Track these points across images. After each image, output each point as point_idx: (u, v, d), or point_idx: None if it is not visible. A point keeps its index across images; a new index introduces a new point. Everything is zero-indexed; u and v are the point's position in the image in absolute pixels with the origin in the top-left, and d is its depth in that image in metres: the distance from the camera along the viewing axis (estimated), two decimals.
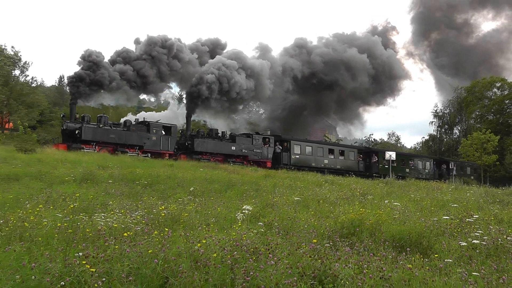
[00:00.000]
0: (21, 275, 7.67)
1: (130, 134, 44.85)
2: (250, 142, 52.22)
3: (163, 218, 12.85)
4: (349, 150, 61.11)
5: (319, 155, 56.05)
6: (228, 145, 50.52)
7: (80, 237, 10.33)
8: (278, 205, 16.61)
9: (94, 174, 23.65)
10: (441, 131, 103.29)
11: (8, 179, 21.14)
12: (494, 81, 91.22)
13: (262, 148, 52.58)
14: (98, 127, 43.08)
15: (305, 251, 9.02)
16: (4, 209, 13.79)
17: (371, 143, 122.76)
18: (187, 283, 7.46)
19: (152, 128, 46.49)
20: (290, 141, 54.64)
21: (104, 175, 23.66)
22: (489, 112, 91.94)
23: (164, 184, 22.37)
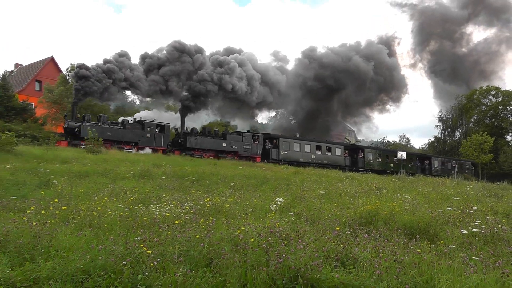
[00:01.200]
0: (91, 255, 7.79)
1: (126, 132, 44.02)
2: (240, 139, 51.03)
3: (208, 208, 12.89)
4: (335, 146, 59.64)
5: (306, 151, 54.76)
6: (219, 142, 49.26)
7: (139, 224, 10.44)
8: (306, 198, 16.57)
9: (150, 171, 23.83)
10: (444, 133, 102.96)
11: (80, 175, 21.40)
12: (489, 89, 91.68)
13: (251, 145, 51.36)
14: (97, 125, 42.17)
15: (329, 237, 9.02)
16: (76, 200, 13.96)
17: (385, 144, 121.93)
18: (228, 263, 7.49)
19: (147, 127, 45.58)
20: (279, 139, 53.67)
21: (158, 172, 23.83)
22: (486, 116, 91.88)
23: (209, 180, 22.43)
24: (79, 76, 44.90)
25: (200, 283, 7.07)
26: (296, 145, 54.08)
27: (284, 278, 6.98)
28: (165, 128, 46.91)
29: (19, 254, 8.44)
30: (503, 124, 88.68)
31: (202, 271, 7.38)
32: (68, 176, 20.67)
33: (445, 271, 7.14)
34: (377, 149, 65.93)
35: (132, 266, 7.41)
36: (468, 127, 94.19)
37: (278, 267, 7.15)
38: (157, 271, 7.28)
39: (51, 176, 19.59)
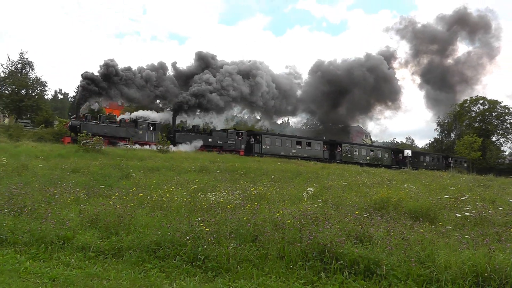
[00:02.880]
0: (161, 231, 7.93)
1: (120, 129, 41.84)
2: (225, 135, 48.10)
3: (253, 196, 12.87)
4: (315, 142, 55.63)
5: (287, 146, 51.64)
6: (205, 137, 46.29)
7: (199, 208, 10.51)
8: (331, 188, 16.45)
9: (207, 166, 23.96)
10: (442, 135, 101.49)
11: (152, 170, 21.65)
12: (478, 99, 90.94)
13: (236, 140, 48.55)
14: (96, 123, 40.44)
15: (350, 219, 8.94)
16: (150, 189, 14.10)
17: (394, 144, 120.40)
18: (270, 239, 7.53)
19: (139, 124, 43.26)
20: (261, 135, 50.81)
21: (214, 167, 23.94)
22: (475, 121, 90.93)
23: (254, 173, 22.43)
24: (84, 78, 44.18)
25: (247, 255, 7.12)
26: (278, 140, 51.50)
27: (314, 252, 6.98)
28: (156, 126, 44.73)
29: (107, 229, 8.68)
30: (489, 127, 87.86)
31: (249, 245, 7.44)
32: (143, 170, 20.96)
33: (443, 247, 7.05)
34: (355, 144, 62.13)
35: (194, 240, 7.52)
36: (461, 130, 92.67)
37: (309, 243, 7.16)
38: (213, 245, 7.39)
39: (130, 170, 19.89)
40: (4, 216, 9.39)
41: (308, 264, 6.82)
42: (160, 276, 6.73)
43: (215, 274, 6.80)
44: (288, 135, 58.52)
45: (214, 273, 6.82)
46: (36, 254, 7.75)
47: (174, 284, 6.42)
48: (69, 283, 6.42)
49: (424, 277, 6.23)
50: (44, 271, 6.89)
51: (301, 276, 6.60)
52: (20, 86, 53.89)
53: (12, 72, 55.91)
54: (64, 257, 7.56)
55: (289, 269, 6.79)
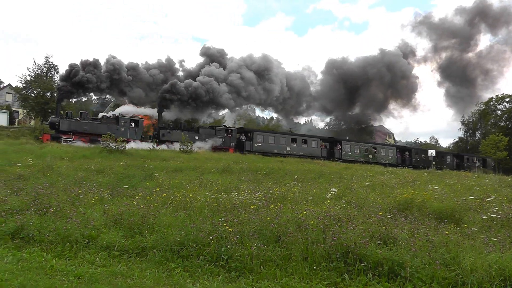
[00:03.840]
0: (185, 231, 8.03)
1: (101, 126, 40.47)
2: (213, 133, 45.99)
3: (276, 196, 12.86)
4: (312, 139, 53.36)
5: (281, 143, 49.60)
6: (191, 134, 43.85)
7: (222, 208, 10.56)
8: (354, 188, 16.35)
9: (230, 167, 24.01)
10: (467, 134, 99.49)
11: (175, 170, 21.78)
12: (504, 97, 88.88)
13: (225, 138, 46.44)
14: (76, 120, 39.73)
15: (373, 220, 8.87)
16: (173, 189, 14.20)
17: (418, 144, 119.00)
18: (293, 240, 7.54)
19: (121, 121, 41.98)
20: (253, 132, 48.93)
21: (237, 168, 23.98)
22: (501, 120, 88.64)
23: (277, 174, 22.40)
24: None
25: (270, 255, 7.16)
26: (271, 138, 49.47)
27: (338, 253, 6.98)
28: (138, 123, 43.64)
29: (131, 229, 8.82)
30: None
31: (272, 246, 7.47)
32: (166, 171, 21.10)
33: (469, 249, 6.96)
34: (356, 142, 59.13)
35: (217, 240, 7.60)
36: (486, 129, 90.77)
37: (333, 244, 7.16)
38: (236, 245, 7.45)
39: (153, 170, 20.06)
40: (30, 215, 9.60)
41: (331, 265, 6.83)
42: (184, 275, 6.82)
43: (238, 274, 6.86)
44: (282, 132, 57.25)
45: (237, 273, 6.88)
46: (62, 253, 7.94)
47: (198, 283, 6.49)
48: (94, 281, 6.55)
49: (449, 280, 6.18)
50: (70, 269, 7.05)
51: (324, 277, 6.61)
52: (45, 89, 54.49)
53: (37, 76, 56.68)
54: (89, 256, 7.73)
55: (313, 270, 6.81)
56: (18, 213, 9.89)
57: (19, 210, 10.18)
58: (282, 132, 55.71)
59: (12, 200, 11.10)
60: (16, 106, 63.74)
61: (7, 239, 8.67)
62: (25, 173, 17.28)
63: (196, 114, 53.39)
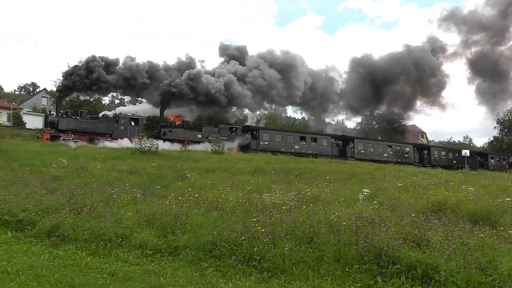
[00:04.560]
0: (217, 231, 8.13)
1: (100, 125, 40.74)
2: (217, 131, 44.99)
3: (308, 197, 12.85)
4: (322, 137, 52.17)
5: (289, 142, 48.25)
6: (193, 133, 44.00)
7: (254, 209, 10.62)
8: (387, 189, 16.21)
9: (262, 167, 24.08)
10: (502, 133, 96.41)
11: (207, 171, 21.98)
12: None
13: (228, 136, 45.25)
14: (75, 119, 39.90)
15: (406, 222, 8.78)
16: (205, 190, 14.32)
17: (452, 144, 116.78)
18: (325, 241, 7.54)
19: (120, 120, 41.91)
20: (258, 130, 47.92)
21: (268, 168, 24.03)
22: None
23: (309, 174, 22.36)
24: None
25: (303, 256, 7.19)
26: (278, 136, 48.36)
27: (370, 255, 6.95)
28: (138, 121, 43.42)
29: (163, 228, 8.98)
30: None
31: (304, 247, 7.50)
32: (198, 171, 21.31)
33: (506, 253, 6.82)
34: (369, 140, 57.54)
35: (249, 240, 7.67)
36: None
37: (365, 246, 7.14)
38: (269, 245, 7.50)
39: (185, 171, 20.28)
40: (65, 214, 9.86)
41: (364, 267, 6.80)
42: (216, 275, 6.90)
43: (270, 274, 6.91)
44: (290, 130, 55.90)
45: (269, 273, 6.93)
46: (96, 251, 8.14)
47: (230, 283, 6.57)
48: (127, 278, 6.70)
49: (486, 285, 6.07)
50: (104, 266, 7.23)
51: (357, 279, 6.59)
52: None
53: None
54: (123, 254, 7.91)
55: (345, 272, 6.79)
56: (53, 212, 10.19)
57: (55, 209, 10.47)
58: (290, 130, 54.66)
59: (48, 199, 11.41)
60: (53, 110, 65.06)
61: (43, 237, 8.98)
62: (60, 174, 17.74)
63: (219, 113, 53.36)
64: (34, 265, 7.15)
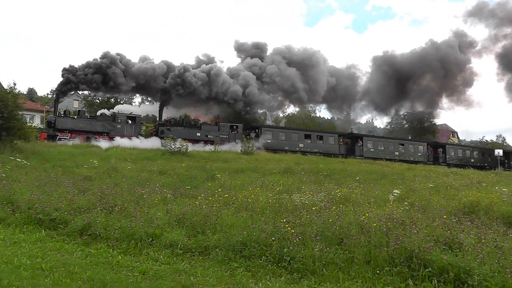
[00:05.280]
0: (247, 231, 8.21)
1: (97, 124, 40.34)
2: (217, 129, 44.81)
3: (338, 198, 12.85)
4: (328, 135, 50.48)
5: (293, 140, 47.08)
6: (193, 132, 43.52)
7: (284, 209, 10.68)
8: (417, 190, 16.08)
9: (291, 168, 24.12)
10: None
11: (237, 171, 22.11)
12: None
13: (228, 134, 45.01)
14: (72, 118, 39.89)
15: (438, 224, 8.68)
16: (235, 190, 14.45)
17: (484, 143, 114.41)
18: (356, 243, 7.53)
19: (118, 118, 41.41)
20: (260, 128, 47.05)
21: (298, 169, 24.04)
22: None
23: (338, 175, 22.31)
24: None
25: (333, 257, 7.20)
26: (282, 134, 47.40)
27: (401, 257, 6.90)
28: (136, 119, 42.81)
29: (193, 228, 9.11)
30: None
31: (334, 248, 7.51)
32: (228, 172, 21.43)
33: None
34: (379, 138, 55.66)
35: (279, 241, 7.72)
36: None
37: (396, 248, 7.09)
38: (299, 246, 7.54)
39: (215, 172, 20.46)
40: (97, 213, 10.07)
41: (395, 269, 6.74)
42: (246, 275, 6.96)
43: (300, 275, 6.94)
44: (295, 128, 54.41)
45: (299, 274, 6.96)
46: (127, 249, 8.29)
47: (260, 283, 6.62)
48: (158, 277, 6.82)
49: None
50: (135, 265, 7.38)
51: (388, 282, 6.55)
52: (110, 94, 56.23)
53: None
54: (153, 253, 8.04)
55: (376, 274, 6.76)
56: (85, 211, 10.40)
57: (86, 209, 10.69)
58: (294, 128, 53.37)
59: (80, 199, 11.64)
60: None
61: (75, 235, 9.19)
62: (91, 174, 18.08)
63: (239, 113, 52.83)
64: (67, 262, 7.34)
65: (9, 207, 11.01)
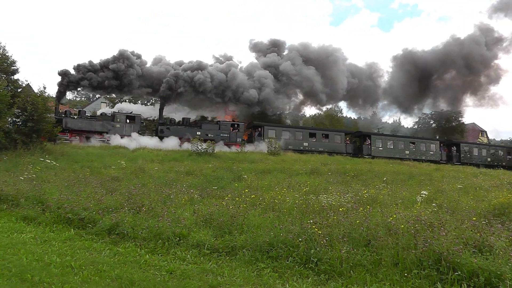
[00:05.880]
0: (274, 232, 8.27)
1: (96, 123, 40.02)
2: (217, 127, 43.90)
3: (365, 199, 12.79)
4: (334, 133, 48.68)
5: (298, 139, 45.61)
6: (193, 130, 42.72)
7: (310, 210, 10.68)
8: (446, 191, 15.89)
9: (318, 169, 24.01)
10: None
11: (264, 172, 22.11)
12: None
13: (230, 133, 44.00)
14: (72, 118, 39.18)
15: (467, 226, 8.56)
16: (262, 190, 14.49)
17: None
18: (383, 245, 7.50)
19: (117, 117, 41.06)
20: (263, 127, 45.53)
21: (325, 169, 23.94)
22: None
23: (365, 175, 22.16)
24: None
25: (360, 259, 7.18)
26: (285, 133, 45.63)
27: (430, 260, 6.84)
28: (135, 119, 42.36)
29: (220, 229, 9.20)
30: None
31: (362, 250, 7.50)
32: (254, 172, 21.47)
33: None
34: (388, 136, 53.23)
35: (306, 242, 7.75)
36: None
37: (424, 250, 7.03)
38: (326, 248, 7.55)
39: (242, 172, 20.51)
40: (124, 213, 10.27)
41: (423, 272, 6.68)
42: (273, 276, 7.00)
43: (327, 277, 6.94)
44: (299, 126, 53.26)
45: (326, 276, 6.96)
46: (154, 249, 8.43)
47: (287, 284, 6.66)
48: (185, 276, 6.93)
49: None
50: (162, 264, 7.51)
51: (416, 285, 6.50)
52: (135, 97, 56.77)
53: None
54: (180, 253, 8.16)
55: (404, 277, 6.71)
56: (113, 211, 10.63)
57: (114, 208, 10.92)
58: (298, 126, 52.12)
59: (108, 199, 11.88)
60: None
61: (104, 234, 9.40)
62: (119, 175, 18.39)
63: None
64: (96, 260, 7.53)
65: (40, 207, 11.36)
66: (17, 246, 8.32)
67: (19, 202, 12.00)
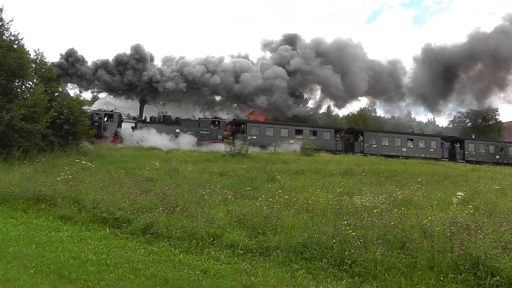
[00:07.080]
0: (308, 233, 8.26)
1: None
2: (197, 125, 43.46)
3: (400, 200, 12.65)
4: (323, 130, 47.21)
5: (283, 136, 44.33)
6: (172, 128, 42.51)
7: (344, 211, 10.61)
8: (482, 192, 15.57)
9: (352, 169, 23.89)
10: None
11: (297, 173, 22.16)
12: None
13: (210, 130, 43.51)
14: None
15: (506, 229, 8.34)
16: (295, 191, 14.50)
17: None
18: (418, 247, 7.39)
19: (95, 116, 40.33)
20: (246, 123, 44.74)
21: (358, 170, 23.82)
22: None
23: (400, 176, 21.95)
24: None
25: (395, 262, 7.10)
26: (269, 130, 44.64)
27: (467, 264, 6.66)
28: (113, 116, 42.04)
29: (254, 229, 9.23)
30: None
31: (396, 252, 7.40)
32: (288, 173, 21.54)
33: None
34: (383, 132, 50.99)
35: (340, 244, 7.71)
36: None
37: (461, 254, 6.85)
38: (360, 250, 7.49)
39: (275, 173, 20.58)
40: (159, 213, 10.41)
41: (460, 277, 6.52)
42: (307, 277, 7.00)
43: (362, 280, 6.89)
44: (284, 122, 50.96)
45: (361, 278, 6.91)
46: (188, 248, 8.53)
47: (321, 286, 6.65)
48: (219, 276, 7.00)
49: None
50: (196, 264, 7.59)
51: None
52: None
53: None
54: (214, 253, 8.23)
55: (440, 281, 6.57)
56: (147, 211, 10.79)
57: (149, 208, 11.08)
58: (283, 123, 50.06)
59: (142, 199, 12.06)
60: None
61: (138, 234, 9.55)
62: (153, 176, 18.68)
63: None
64: (131, 259, 7.69)
65: (76, 206, 11.61)
66: (55, 244, 8.53)
67: (56, 202, 12.26)
